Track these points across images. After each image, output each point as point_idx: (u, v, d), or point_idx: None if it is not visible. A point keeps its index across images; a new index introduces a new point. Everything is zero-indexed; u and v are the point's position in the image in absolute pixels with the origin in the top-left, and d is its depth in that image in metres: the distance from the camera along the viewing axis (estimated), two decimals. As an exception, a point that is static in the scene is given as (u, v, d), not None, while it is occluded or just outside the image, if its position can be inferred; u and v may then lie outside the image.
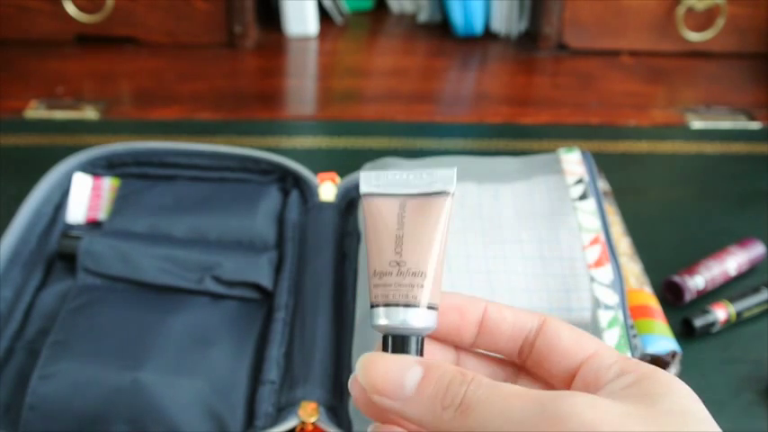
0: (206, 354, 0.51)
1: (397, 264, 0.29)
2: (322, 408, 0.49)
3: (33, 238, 0.59)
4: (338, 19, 1.09)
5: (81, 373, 0.49)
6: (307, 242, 0.60)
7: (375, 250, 0.30)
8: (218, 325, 0.54)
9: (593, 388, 0.27)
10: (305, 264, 0.58)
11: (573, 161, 0.58)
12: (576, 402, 0.25)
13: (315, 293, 0.56)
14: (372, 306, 0.29)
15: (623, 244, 0.61)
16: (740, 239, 0.65)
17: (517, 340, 0.30)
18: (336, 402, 0.50)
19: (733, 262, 0.63)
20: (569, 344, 0.29)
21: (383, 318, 0.29)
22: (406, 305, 0.29)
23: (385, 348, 0.29)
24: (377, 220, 0.30)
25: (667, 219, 0.71)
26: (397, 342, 0.29)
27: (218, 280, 0.56)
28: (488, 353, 0.31)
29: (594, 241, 0.52)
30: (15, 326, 0.54)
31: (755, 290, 0.60)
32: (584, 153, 0.59)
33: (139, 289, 0.56)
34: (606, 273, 0.51)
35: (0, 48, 0.96)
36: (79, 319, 0.52)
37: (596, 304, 0.49)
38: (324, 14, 1.08)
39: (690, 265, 0.62)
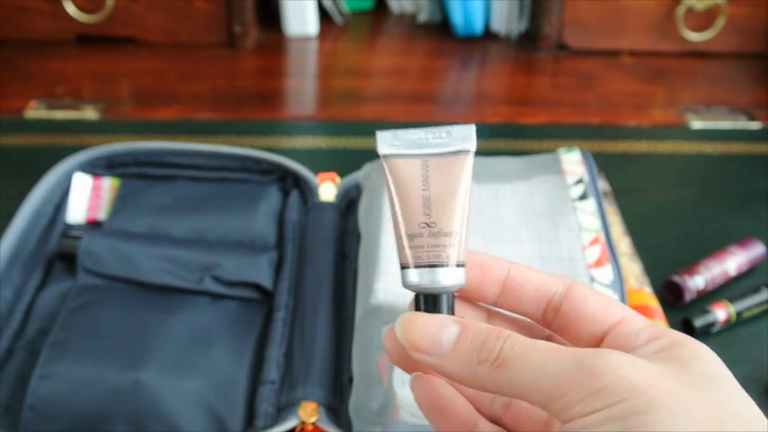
0: (206, 354, 0.51)
1: (428, 225, 0.29)
2: (322, 408, 0.49)
3: (33, 239, 0.59)
4: (338, 19, 1.09)
5: (81, 373, 0.49)
6: (307, 242, 0.60)
7: (403, 212, 0.30)
8: (218, 325, 0.54)
9: (623, 352, 0.28)
10: (305, 264, 0.58)
11: (573, 161, 0.58)
12: (612, 358, 0.25)
13: (315, 293, 0.56)
14: (403, 267, 0.30)
15: (623, 244, 0.61)
16: (740, 239, 0.65)
17: (541, 302, 0.31)
18: (336, 402, 0.50)
19: (733, 262, 0.62)
20: (596, 309, 0.29)
21: (414, 277, 0.29)
22: (438, 265, 0.29)
23: (417, 306, 0.30)
24: (401, 181, 0.30)
25: (667, 219, 0.71)
26: (429, 300, 0.29)
27: (218, 280, 0.56)
28: (515, 315, 0.32)
29: (594, 241, 0.52)
30: (15, 326, 0.54)
31: (755, 290, 0.60)
32: (584, 153, 0.59)
33: (139, 289, 0.56)
34: (606, 273, 0.51)
35: (0, 48, 0.96)
36: (79, 319, 0.52)
37: None
38: (324, 14, 1.08)
39: (690, 266, 0.62)
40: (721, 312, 0.58)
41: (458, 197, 0.30)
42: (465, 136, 0.31)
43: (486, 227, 0.55)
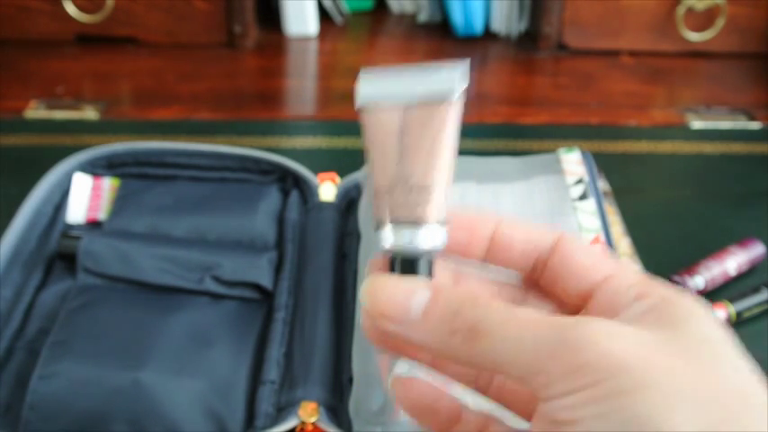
0: (206, 354, 0.51)
1: (403, 178, 0.27)
2: (322, 408, 0.49)
3: (33, 238, 0.59)
4: (338, 19, 1.09)
5: (81, 373, 0.49)
6: (307, 242, 0.60)
7: (378, 165, 0.27)
8: (219, 325, 0.54)
9: (609, 313, 0.25)
10: (305, 264, 0.58)
11: (573, 161, 0.58)
12: (594, 329, 0.23)
13: (315, 293, 0.56)
14: (377, 227, 0.27)
15: (623, 244, 0.61)
16: (740, 239, 0.65)
17: (531, 256, 0.29)
18: (336, 402, 0.50)
19: (733, 262, 0.62)
20: (585, 264, 0.27)
21: (389, 235, 0.27)
22: (414, 222, 0.26)
23: (391, 270, 0.27)
24: (378, 132, 0.28)
25: (667, 219, 0.71)
26: (406, 264, 0.27)
27: (217, 280, 0.56)
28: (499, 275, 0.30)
29: (594, 241, 0.52)
30: (15, 326, 0.54)
31: (755, 290, 0.60)
32: (584, 153, 0.59)
33: (139, 289, 0.56)
34: None
35: (0, 48, 0.96)
36: (79, 319, 0.52)
37: None
38: (324, 14, 1.08)
39: (690, 266, 0.62)
40: (721, 312, 0.58)
41: (438, 150, 0.27)
42: (451, 81, 0.27)
43: None
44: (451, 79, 0.27)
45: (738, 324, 0.59)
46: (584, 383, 0.22)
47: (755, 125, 0.86)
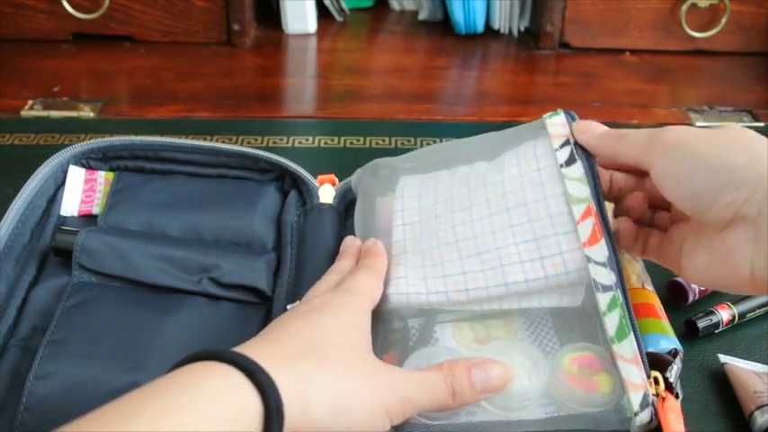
0: (204, 356, 0.50)
1: None
2: (320, 410, 0.48)
3: (27, 232, 0.58)
4: (338, 17, 1.08)
5: (79, 374, 0.48)
6: (305, 245, 0.59)
7: None
8: (217, 327, 0.53)
9: None
10: (303, 267, 0.57)
11: (558, 123, 0.53)
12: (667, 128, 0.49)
13: (313, 295, 0.55)
14: None
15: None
16: (744, 239, 0.64)
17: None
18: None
19: (737, 262, 0.62)
20: None
21: None
22: None
23: None
24: None
25: (670, 218, 0.70)
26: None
27: (215, 282, 0.55)
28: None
29: (586, 214, 0.48)
30: (9, 322, 0.53)
31: (760, 291, 0.59)
32: (567, 113, 0.55)
33: (136, 288, 0.55)
34: (601, 250, 0.47)
35: (-3, 46, 0.95)
36: (76, 317, 0.52)
37: (595, 286, 0.47)
38: (323, 12, 1.07)
39: (693, 266, 0.61)
40: (725, 313, 0.58)
41: None
42: None
43: (491, 198, 0.52)
44: None
45: (742, 325, 0.58)
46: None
47: (759, 125, 0.86)
